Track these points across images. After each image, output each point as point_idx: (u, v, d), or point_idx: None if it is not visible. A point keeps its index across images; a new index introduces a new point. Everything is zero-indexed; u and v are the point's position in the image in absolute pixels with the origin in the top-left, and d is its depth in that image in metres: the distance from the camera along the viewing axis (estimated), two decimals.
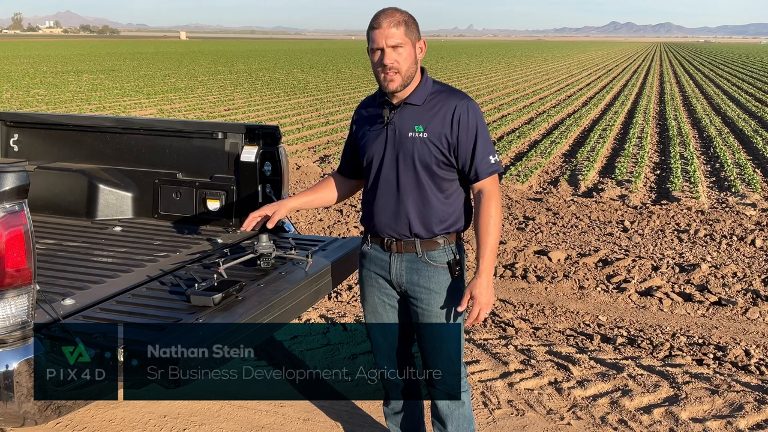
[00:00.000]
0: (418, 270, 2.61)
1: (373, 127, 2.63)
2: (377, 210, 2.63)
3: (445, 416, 2.73)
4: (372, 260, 2.71)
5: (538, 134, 14.87)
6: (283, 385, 3.84)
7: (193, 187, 4.04)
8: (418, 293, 2.62)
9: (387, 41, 2.44)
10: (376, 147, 2.60)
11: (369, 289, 2.76)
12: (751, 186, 9.62)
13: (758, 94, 24.89)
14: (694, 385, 3.77)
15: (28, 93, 22.73)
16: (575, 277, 5.86)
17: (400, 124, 2.55)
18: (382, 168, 2.59)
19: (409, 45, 2.48)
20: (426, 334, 2.66)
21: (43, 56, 54.16)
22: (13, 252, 2.24)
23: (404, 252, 2.61)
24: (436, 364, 2.67)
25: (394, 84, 2.48)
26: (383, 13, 2.48)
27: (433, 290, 2.60)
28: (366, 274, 2.75)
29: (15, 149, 4.37)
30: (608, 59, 60.09)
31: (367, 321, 2.81)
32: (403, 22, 2.47)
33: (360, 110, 2.74)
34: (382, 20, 2.46)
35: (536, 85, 29.36)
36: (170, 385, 2.26)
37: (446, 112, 2.51)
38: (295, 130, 14.84)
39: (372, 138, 2.62)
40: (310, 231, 7.24)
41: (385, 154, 2.57)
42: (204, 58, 56.15)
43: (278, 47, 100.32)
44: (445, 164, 2.54)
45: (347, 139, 2.82)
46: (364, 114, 2.71)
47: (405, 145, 2.53)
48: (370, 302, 2.77)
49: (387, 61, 2.45)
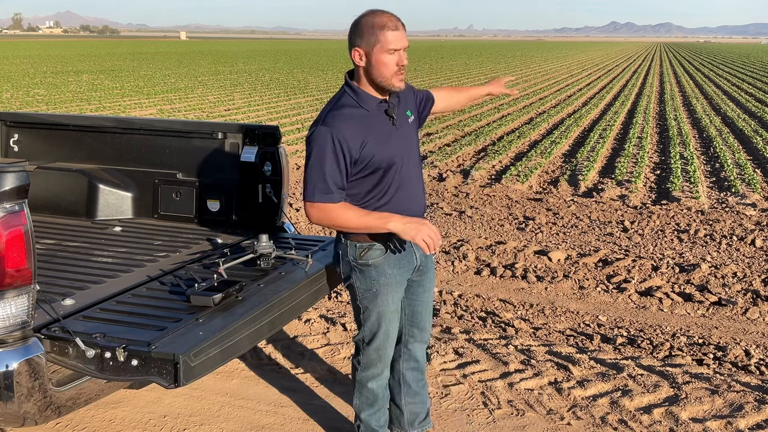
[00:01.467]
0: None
1: (378, 131, 2.60)
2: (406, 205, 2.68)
3: (422, 363, 3.07)
4: (401, 259, 2.74)
5: (538, 134, 14.87)
6: (283, 385, 3.84)
7: (193, 187, 4.04)
8: (424, 266, 2.87)
9: (404, 43, 2.56)
10: (393, 146, 2.63)
11: (398, 289, 2.79)
12: (751, 186, 9.62)
13: (758, 94, 24.89)
14: (694, 385, 3.77)
15: (28, 93, 22.74)
16: (575, 277, 5.86)
17: (399, 117, 2.70)
18: (405, 161, 2.68)
19: None
20: (426, 299, 2.96)
21: (43, 56, 54.17)
22: (13, 252, 2.24)
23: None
24: (425, 323, 3.00)
25: (403, 83, 2.63)
26: (392, 15, 2.55)
27: (431, 258, 2.93)
28: (394, 276, 2.73)
29: (15, 149, 4.37)
30: (608, 59, 60.10)
31: (386, 323, 2.79)
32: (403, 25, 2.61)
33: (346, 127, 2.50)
34: (396, 22, 2.55)
35: (536, 85, 29.36)
36: (170, 385, 2.26)
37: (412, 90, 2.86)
38: (295, 130, 14.84)
39: (383, 140, 2.60)
40: (310, 231, 7.24)
41: (404, 148, 2.69)
42: (204, 58, 56.16)
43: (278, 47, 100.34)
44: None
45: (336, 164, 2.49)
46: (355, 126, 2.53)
47: (409, 132, 2.75)
48: (396, 302, 2.80)
49: (406, 61, 2.58)
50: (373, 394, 2.92)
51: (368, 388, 2.91)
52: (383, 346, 2.83)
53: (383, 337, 2.81)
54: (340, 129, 2.49)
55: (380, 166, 2.58)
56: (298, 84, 28.29)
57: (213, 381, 3.83)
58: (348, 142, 2.49)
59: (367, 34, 2.51)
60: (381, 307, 2.75)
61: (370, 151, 2.54)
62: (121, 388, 2.85)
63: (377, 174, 2.59)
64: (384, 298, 2.75)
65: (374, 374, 2.89)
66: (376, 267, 2.70)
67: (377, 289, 2.73)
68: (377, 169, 2.58)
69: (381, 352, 2.85)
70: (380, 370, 2.89)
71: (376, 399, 2.93)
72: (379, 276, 2.71)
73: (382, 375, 2.91)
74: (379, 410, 2.98)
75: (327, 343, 4.35)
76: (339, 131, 2.49)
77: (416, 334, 3.00)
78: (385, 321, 2.78)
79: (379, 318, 2.77)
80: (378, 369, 2.88)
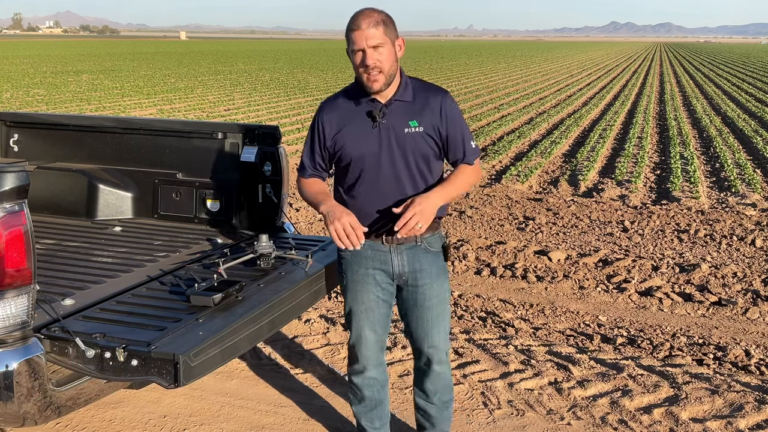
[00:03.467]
0: (419, 258, 2.71)
1: (357, 126, 2.63)
2: (374, 207, 2.65)
3: (432, 390, 2.87)
4: (368, 258, 2.72)
5: (538, 134, 14.87)
6: (283, 385, 3.84)
7: (193, 187, 4.04)
8: (420, 279, 2.72)
9: (368, 42, 2.48)
10: (368, 146, 2.62)
11: (363, 287, 2.76)
12: (751, 186, 9.62)
13: (758, 94, 24.89)
14: (694, 385, 3.77)
15: (28, 93, 22.74)
16: (575, 277, 5.86)
17: (393, 121, 2.61)
18: (381, 166, 2.62)
19: (389, 44, 2.54)
20: (426, 315, 2.76)
21: (43, 56, 54.17)
22: (13, 252, 2.24)
23: (403, 243, 2.68)
24: (433, 340, 2.79)
25: (378, 84, 2.54)
26: (361, 13, 2.51)
27: (434, 273, 2.73)
28: (361, 273, 2.75)
29: (15, 149, 4.37)
30: (608, 59, 60.10)
31: (357, 320, 2.80)
32: (381, 22, 2.51)
33: (330, 111, 2.67)
34: (361, 21, 2.48)
35: (536, 85, 29.36)
36: (170, 385, 2.26)
37: (434, 105, 2.63)
38: (295, 130, 14.84)
39: (358, 137, 2.62)
40: (310, 231, 7.24)
41: (381, 151, 2.61)
42: (204, 58, 56.16)
43: (278, 47, 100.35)
44: (437, 154, 2.68)
45: (313, 144, 2.71)
46: (339, 115, 2.66)
47: (403, 141, 2.61)
48: (363, 301, 2.77)
49: (369, 61, 2.49)
50: (359, 391, 2.91)
51: (354, 382, 2.92)
52: (357, 344, 2.83)
53: (355, 334, 2.83)
54: (324, 113, 2.69)
55: (349, 160, 2.65)
56: (298, 84, 28.29)
57: (213, 381, 3.83)
58: (325, 126, 2.67)
59: (345, 37, 2.58)
60: (350, 303, 2.81)
61: (342, 141, 2.64)
62: (121, 388, 2.84)
63: (349, 167, 2.66)
64: (352, 295, 2.79)
65: (356, 370, 2.89)
66: (345, 261, 2.78)
67: (346, 283, 2.80)
68: (348, 162, 2.65)
69: (356, 350, 2.85)
70: (361, 367, 2.86)
71: (363, 397, 2.92)
72: (347, 270, 2.78)
73: (364, 373, 2.88)
74: (371, 410, 2.94)
75: (327, 343, 4.35)
76: (322, 115, 2.69)
77: (417, 354, 2.87)
78: (355, 319, 2.81)
79: (350, 314, 2.82)
80: (358, 366, 2.87)
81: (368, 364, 2.86)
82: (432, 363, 2.82)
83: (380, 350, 2.88)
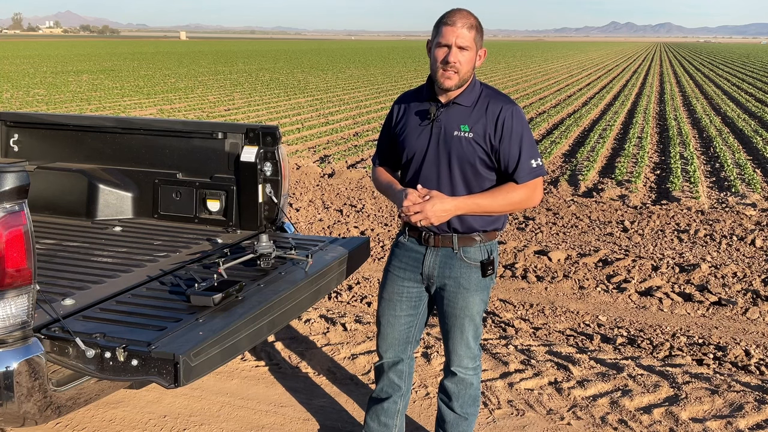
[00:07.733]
0: (451, 265, 2.70)
1: (415, 122, 2.68)
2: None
3: (454, 394, 2.85)
4: (407, 251, 2.77)
5: (538, 134, 14.86)
6: (283, 385, 3.84)
7: (193, 187, 4.04)
8: (448, 286, 2.72)
9: (457, 41, 2.50)
10: (419, 143, 2.66)
11: (392, 278, 2.82)
12: (751, 186, 9.62)
13: (758, 94, 24.89)
14: (694, 385, 3.77)
15: (28, 93, 22.73)
16: (575, 277, 5.86)
17: (446, 122, 2.62)
18: (424, 164, 2.65)
19: (473, 50, 2.56)
20: (450, 323, 2.76)
21: (43, 56, 54.17)
22: (13, 252, 2.24)
23: (441, 246, 2.69)
24: (456, 349, 2.79)
25: (450, 82, 2.55)
26: (458, 11, 2.54)
27: (463, 285, 2.70)
28: (396, 264, 2.82)
29: (15, 149, 4.37)
30: (608, 59, 60.09)
31: (379, 308, 2.87)
32: (474, 27, 2.54)
33: (401, 103, 2.77)
34: (457, 19, 2.51)
35: (536, 86, 29.36)
36: (170, 385, 2.26)
37: (491, 114, 2.59)
38: (295, 130, 14.83)
39: (415, 133, 2.67)
40: (310, 231, 7.24)
41: (428, 150, 2.64)
42: (204, 58, 56.16)
43: (278, 47, 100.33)
44: (488, 164, 2.61)
45: (384, 131, 2.83)
46: (405, 108, 2.74)
47: (450, 144, 2.60)
48: (389, 290, 2.83)
49: (451, 58, 2.51)
50: (378, 371, 2.96)
51: (374, 366, 2.98)
52: (379, 330, 2.89)
53: (379, 320, 2.88)
54: (397, 103, 2.80)
55: (403, 153, 2.71)
56: (298, 84, 28.28)
57: (213, 381, 3.83)
58: (393, 115, 2.78)
59: (433, 28, 2.59)
60: (380, 289, 2.88)
61: (401, 133, 2.72)
62: (121, 388, 2.85)
63: (402, 160, 2.74)
64: (383, 281, 2.87)
65: (379, 353, 2.92)
66: (394, 251, 2.84)
67: (385, 269, 2.88)
68: (402, 155, 2.72)
69: (379, 335, 2.90)
70: (382, 351, 2.90)
71: (380, 377, 2.95)
72: (391, 259, 2.85)
73: (383, 359, 2.91)
74: (378, 403, 2.93)
75: (327, 343, 4.35)
76: (395, 104, 2.80)
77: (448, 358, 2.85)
78: (379, 307, 2.87)
79: (378, 301, 2.89)
80: (381, 349, 2.90)
81: (383, 355, 2.91)
82: (452, 365, 2.83)
83: (397, 345, 2.86)
